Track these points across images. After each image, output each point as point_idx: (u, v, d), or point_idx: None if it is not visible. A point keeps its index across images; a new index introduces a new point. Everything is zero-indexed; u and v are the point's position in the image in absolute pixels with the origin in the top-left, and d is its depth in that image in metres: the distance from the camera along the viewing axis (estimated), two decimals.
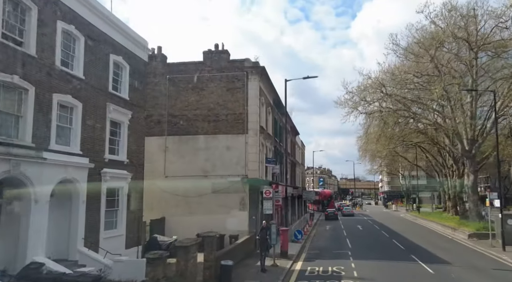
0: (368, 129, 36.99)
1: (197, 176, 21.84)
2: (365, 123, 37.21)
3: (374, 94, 35.19)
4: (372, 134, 37.45)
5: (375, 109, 35.72)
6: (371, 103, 35.81)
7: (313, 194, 52.97)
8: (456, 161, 39.43)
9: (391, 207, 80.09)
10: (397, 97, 34.38)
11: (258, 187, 21.58)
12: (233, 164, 21.66)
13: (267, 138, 25.09)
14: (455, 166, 39.44)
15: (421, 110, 35.81)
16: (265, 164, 24.14)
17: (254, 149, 21.52)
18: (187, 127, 22.36)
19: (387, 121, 34.26)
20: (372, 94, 35.24)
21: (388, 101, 35.17)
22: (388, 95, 33.27)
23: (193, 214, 21.59)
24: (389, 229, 34.12)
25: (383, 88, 34.06)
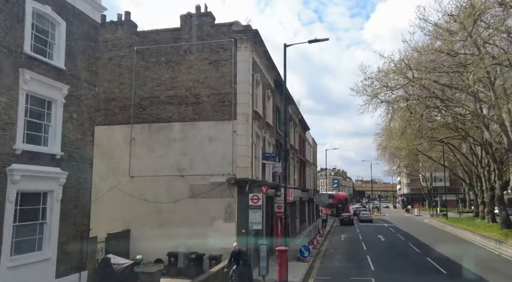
0: (390, 122, 31.25)
1: (171, 176, 16.77)
2: (386, 115, 31.51)
3: (397, 80, 29.63)
4: (396, 127, 31.62)
5: (399, 96, 30.09)
6: (395, 90, 30.22)
7: (326, 197, 47.32)
8: (495, 159, 33.31)
9: (412, 211, 73.45)
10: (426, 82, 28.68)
11: (251, 190, 16.33)
12: (217, 159, 16.48)
13: (265, 128, 19.80)
14: (494, 164, 33.31)
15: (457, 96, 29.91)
16: (261, 160, 18.85)
17: (244, 140, 16.28)
18: (159, 112, 17.29)
19: (416, 111, 28.53)
20: (395, 80, 29.66)
21: (416, 87, 29.47)
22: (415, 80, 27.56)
23: (165, 226, 16.50)
24: (417, 241, 28.32)
25: (409, 72, 28.52)
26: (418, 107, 29.50)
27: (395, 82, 29.82)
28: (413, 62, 28.60)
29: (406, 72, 29.00)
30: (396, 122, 32.79)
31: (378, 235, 31.95)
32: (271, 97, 21.63)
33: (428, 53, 28.25)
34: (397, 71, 28.54)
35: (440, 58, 28.26)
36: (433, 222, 50.06)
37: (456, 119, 32.95)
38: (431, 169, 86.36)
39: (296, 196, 29.76)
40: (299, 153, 34.35)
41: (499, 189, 32.86)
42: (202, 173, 16.51)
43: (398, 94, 29.77)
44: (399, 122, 31.39)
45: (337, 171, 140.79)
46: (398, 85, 29.74)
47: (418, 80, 28.15)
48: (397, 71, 28.61)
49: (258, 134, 18.24)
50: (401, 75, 28.84)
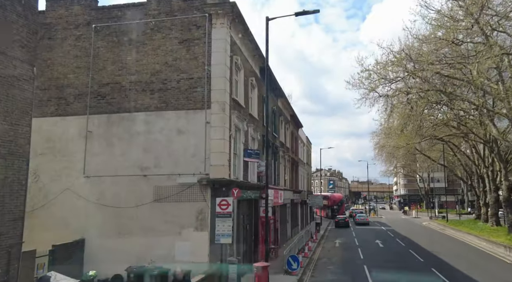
0: (389, 118, 28.77)
1: (133, 176, 14.14)
2: (385, 110, 29.04)
3: (397, 73, 27.21)
4: (395, 124, 29.13)
5: (399, 89, 27.66)
6: (394, 82, 27.79)
7: (321, 198, 44.75)
8: (501, 158, 30.94)
9: (410, 212, 71.16)
10: (428, 73, 26.26)
11: (228, 192, 13.73)
12: (187, 156, 13.88)
13: (248, 121, 17.23)
14: (500, 164, 30.93)
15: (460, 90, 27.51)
16: (243, 158, 16.26)
17: (220, 132, 13.68)
18: (121, 101, 14.66)
19: (418, 105, 26.10)
20: (394, 72, 27.25)
21: (417, 80, 27.06)
22: (417, 70, 25.12)
23: (126, 235, 13.88)
24: (419, 247, 25.84)
25: (409, 64, 26.12)
26: (419, 102, 27.06)
27: (395, 74, 27.47)
28: (413, 52, 26.19)
29: (406, 64, 26.64)
30: (395, 119, 30.34)
31: (376, 240, 29.45)
32: (256, 87, 19.05)
33: (431, 42, 25.86)
34: (396, 62, 26.17)
35: (442, 48, 25.89)
36: (432, 224, 47.71)
37: (459, 115, 30.58)
38: (428, 170, 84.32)
39: (286, 198, 27.21)
40: (291, 151, 31.82)
41: (505, 190, 30.47)
42: (169, 172, 13.89)
43: (398, 87, 27.36)
44: (399, 118, 28.92)
45: (332, 172, 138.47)
46: (398, 77, 27.36)
47: (420, 72, 25.79)
48: (397, 63, 26.23)
49: (238, 127, 15.64)
50: (401, 67, 26.47)
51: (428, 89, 26.58)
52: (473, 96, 26.47)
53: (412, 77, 25.92)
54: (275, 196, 21.92)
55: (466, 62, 25.58)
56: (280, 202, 23.95)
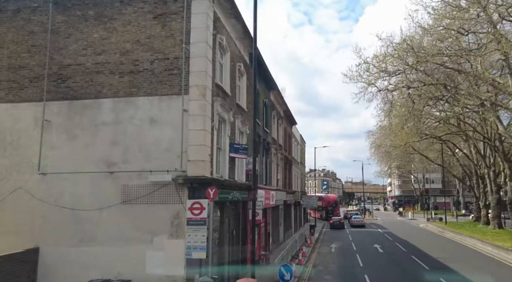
0: (389, 113, 26.88)
1: (98, 173, 11.99)
2: (385, 105, 27.23)
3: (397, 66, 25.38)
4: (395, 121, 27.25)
5: (400, 83, 25.82)
6: (394, 76, 25.95)
7: (315, 199, 42.85)
8: (507, 158, 29.25)
9: (406, 214, 69.54)
10: (432, 65, 24.46)
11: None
12: (161, 150, 11.76)
13: (235, 111, 15.17)
14: (505, 164, 29.24)
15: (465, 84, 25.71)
16: (229, 153, 14.17)
17: (200, 122, 11.58)
18: (84, 85, 12.49)
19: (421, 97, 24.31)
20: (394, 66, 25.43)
21: (419, 73, 25.23)
22: (420, 62, 23.25)
23: (88, 243, 11.73)
24: (421, 252, 23.96)
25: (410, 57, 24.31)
26: (422, 95, 25.27)
27: (395, 67, 25.66)
28: (415, 43, 24.37)
29: (407, 57, 24.82)
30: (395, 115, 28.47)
31: (374, 245, 27.53)
32: (244, 75, 16.97)
33: (434, 32, 24.04)
34: (397, 53, 24.35)
35: (446, 39, 24.05)
36: (430, 227, 46.02)
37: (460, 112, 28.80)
38: (423, 170, 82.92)
39: (279, 199, 25.17)
40: (284, 149, 29.80)
41: (510, 191, 28.81)
42: (139, 168, 11.75)
43: (399, 81, 25.49)
44: (399, 114, 27.06)
45: (326, 172, 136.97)
46: (399, 70, 25.52)
47: (423, 64, 23.94)
48: (398, 54, 24.41)
49: (222, 117, 13.54)
50: (401, 60, 24.65)
51: (431, 83, 24.76)
52: (479, 90, 24.67)
53: (415, 70, 24.04)
54: (266, 197, 19.87)
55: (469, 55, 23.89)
56: (272, 204, 21.92)
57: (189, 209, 9.53)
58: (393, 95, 26.54)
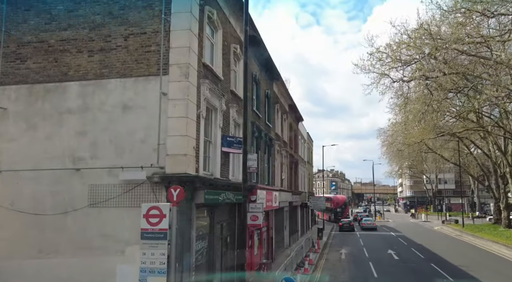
0: (405, 106, 24.57)
1: (62, 170, 10.04)
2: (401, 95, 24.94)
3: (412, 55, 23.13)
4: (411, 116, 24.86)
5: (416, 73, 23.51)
6: (409, 65, 23.66)
7: (323, 201, 40.64)
8: None
9: (419, 216, 66.75)
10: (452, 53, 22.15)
11: (194, 194, 9.65)
12: (134, 142, 9.77)
13: (229, 99, 13.14)
14: None
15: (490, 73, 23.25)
16: (221, 147, 12.11)
17: (181, 108, 9.55)
18: (47, 66, 10.56)
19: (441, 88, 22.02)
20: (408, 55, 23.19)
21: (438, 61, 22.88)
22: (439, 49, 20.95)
23: (50, 254, 9.78)
24: (441, 260, 21.62)
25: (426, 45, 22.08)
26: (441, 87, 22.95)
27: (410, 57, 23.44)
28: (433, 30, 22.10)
29: (424, 45, 22.56)
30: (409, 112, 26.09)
31: (388, 250, 25.23)
32: (241, 59, 14.88)
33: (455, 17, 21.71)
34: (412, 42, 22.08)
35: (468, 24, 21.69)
36: (446, 230, 43.38)
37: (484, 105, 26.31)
38: (436, 170, 79.86)
39: (283, 200, 23.04)
40: (289, 147, 27.67)
41: None
42: (110, 164, 9.76)
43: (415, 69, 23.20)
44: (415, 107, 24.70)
45: (335, 173, 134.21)
46: (415, 59, 23.25)
47: (442, 51, 21.63)
48: (413, 42, 22.14)
49: (212, 104, 11.49)
50: (418, 49, 22.40)
51: (451, 72, 22.40)
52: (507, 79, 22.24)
53: (434, 57, 21.73)
54: (268, 199, 17.78)
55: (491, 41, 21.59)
56: (275, 205, 19.82)
57: (144, 217, 7.36)
58: (409, 87, 24.26)
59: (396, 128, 41.89)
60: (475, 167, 52.45)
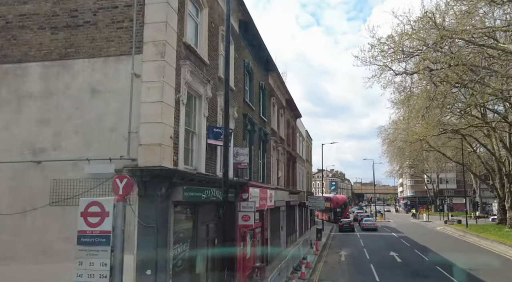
0: (409, 99, 23.31)
1: (21, 163, 8.77)
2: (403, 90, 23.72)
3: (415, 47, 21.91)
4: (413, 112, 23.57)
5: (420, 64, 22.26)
6: (413, 57, 22.43)
7: (323, 200, 39.32)
8: None
9: (420, 216, 65.52)
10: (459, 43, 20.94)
11: (172, 190, 8.40)
12: (103, 130, 8.52)
13: (216, 86, 11.88)
14: None
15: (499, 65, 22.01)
16: (206, 139, 10.82)
17: (157, 92, 8.30)
18: (5, 45, 9.33)
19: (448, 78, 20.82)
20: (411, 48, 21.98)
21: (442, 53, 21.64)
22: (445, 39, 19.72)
23: (5, 260, 8.52)
24: (448, 263, 20.30)
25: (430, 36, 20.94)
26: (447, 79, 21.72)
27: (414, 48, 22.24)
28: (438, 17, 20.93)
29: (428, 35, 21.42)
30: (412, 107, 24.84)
31: (391, 252, 23.96)
32: (232, 44, 13.62)
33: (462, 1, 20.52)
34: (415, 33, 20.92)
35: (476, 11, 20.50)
36: (448, 230, 42.15)
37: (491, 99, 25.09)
38: (438, 170, 78.58)
39: (280, 199, 21.78)
40: (287, 144, 26.42)
41: None
42: (75, 156, 8.51)
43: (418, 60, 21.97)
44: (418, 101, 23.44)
45: (335, 172, 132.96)
46: (418, 50, 22.02)
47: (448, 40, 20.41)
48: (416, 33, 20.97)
49: (196, 90, 10.22)
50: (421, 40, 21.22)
51: (456, 63, 21.14)
52: None
53: (439, 47, 20.48)
54: (262, 197, 16.52)
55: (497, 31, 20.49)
56: (270, 205, 18.56)
57: (82, 215, 5.93)
58: (412, 81, 23.00)
59: (397, 126, 40.74)
60: (477, 166, 51.24)
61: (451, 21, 21.41)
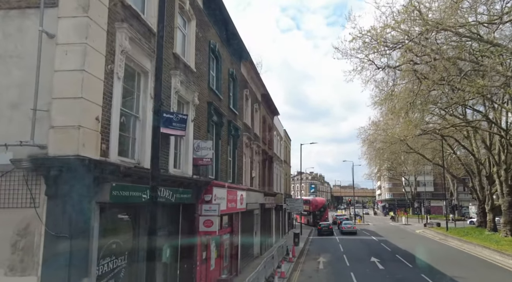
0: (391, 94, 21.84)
1: None
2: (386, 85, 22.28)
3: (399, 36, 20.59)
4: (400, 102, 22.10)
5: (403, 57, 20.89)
6: (396, 49, 21.03)
7: (301, 203, 37.70)
8: None
9: (399, 219, 64.99)
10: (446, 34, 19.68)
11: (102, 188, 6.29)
12: (1, 107, 6.33)
13: (168, 62, 9.86)
14: None
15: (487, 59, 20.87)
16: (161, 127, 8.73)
17: (77, 57, 6.25)
18: None
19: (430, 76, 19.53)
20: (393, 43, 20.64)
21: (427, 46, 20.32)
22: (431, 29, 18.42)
23: None
24: (433, 270, 18.91)
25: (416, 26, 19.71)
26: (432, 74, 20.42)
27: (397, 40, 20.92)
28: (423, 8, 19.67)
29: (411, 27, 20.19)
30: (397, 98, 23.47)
31: (371, 258, 22.38)
32: (193, 20, 11.63)
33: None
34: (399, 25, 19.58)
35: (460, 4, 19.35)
36: (428, 233, 41.26)
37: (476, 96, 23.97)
38: (415, 173, 78.58)
39: (252, 201, 19.84)
40: (262, 142, 24.54)
41: None
42: None
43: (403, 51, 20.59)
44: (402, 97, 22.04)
45: (314, 175, 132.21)
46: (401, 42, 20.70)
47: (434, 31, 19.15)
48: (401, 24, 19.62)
49: (139, 64, 8.17)
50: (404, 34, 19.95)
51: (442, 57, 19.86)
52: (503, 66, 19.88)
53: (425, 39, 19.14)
54: (230, 199, 14.54)
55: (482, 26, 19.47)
56: (240, 208, 16.60)
57: None
58: (396, 74, 21.58)
59: (377, 127, 39.67)
60: (456, 168, 50.89)
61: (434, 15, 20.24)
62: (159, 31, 6.19)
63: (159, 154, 5.97)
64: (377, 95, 26.13)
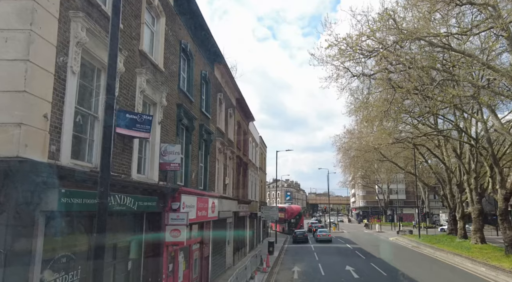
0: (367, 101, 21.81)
1: None
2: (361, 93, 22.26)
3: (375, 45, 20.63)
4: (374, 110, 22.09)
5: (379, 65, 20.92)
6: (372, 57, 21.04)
7: (276, 211, 37.28)
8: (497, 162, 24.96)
9: (373, 226, 65.61)
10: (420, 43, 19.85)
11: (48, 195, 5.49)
12: None
13: (132, 60, 9.18)
14: (496, 168, 24.93)
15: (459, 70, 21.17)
16: (114, 127, 8.01)
17: (20, 45, 5.53)
18: None
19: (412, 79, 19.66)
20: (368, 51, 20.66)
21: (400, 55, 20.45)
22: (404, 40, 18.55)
23: None
24: (407, 278, 18.77)
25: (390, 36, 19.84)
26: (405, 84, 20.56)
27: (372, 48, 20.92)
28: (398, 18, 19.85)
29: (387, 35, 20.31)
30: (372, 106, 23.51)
31: (346, 267, 22.04)
32: (162, 17, 10.99)
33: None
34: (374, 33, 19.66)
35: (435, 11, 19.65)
36: (402, 241, 41.62)
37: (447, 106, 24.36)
38: (388, 181, 79.96)
39: (226, 209, 19.13)
40: (237, 148, 23.95)
41: (501, 200, 24.53)
42: None
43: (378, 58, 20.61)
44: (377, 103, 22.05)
45: (290, 183, 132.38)
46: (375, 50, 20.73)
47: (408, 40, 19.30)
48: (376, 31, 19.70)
49: (100, 60, 7.44)
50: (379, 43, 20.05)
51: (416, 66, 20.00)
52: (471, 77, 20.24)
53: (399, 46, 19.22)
54: (200, 207, 13.80)
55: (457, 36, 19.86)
56: (212, 216, 15.86)
57: None
58: (371, 81, 21.58)
59: (352, 135, 39.97)
60: (428, 176, 51.98)
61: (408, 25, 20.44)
62: (113, 17, 5.51)
63: (111, 155, 5.26)
64: (352, 104, 26.19)
